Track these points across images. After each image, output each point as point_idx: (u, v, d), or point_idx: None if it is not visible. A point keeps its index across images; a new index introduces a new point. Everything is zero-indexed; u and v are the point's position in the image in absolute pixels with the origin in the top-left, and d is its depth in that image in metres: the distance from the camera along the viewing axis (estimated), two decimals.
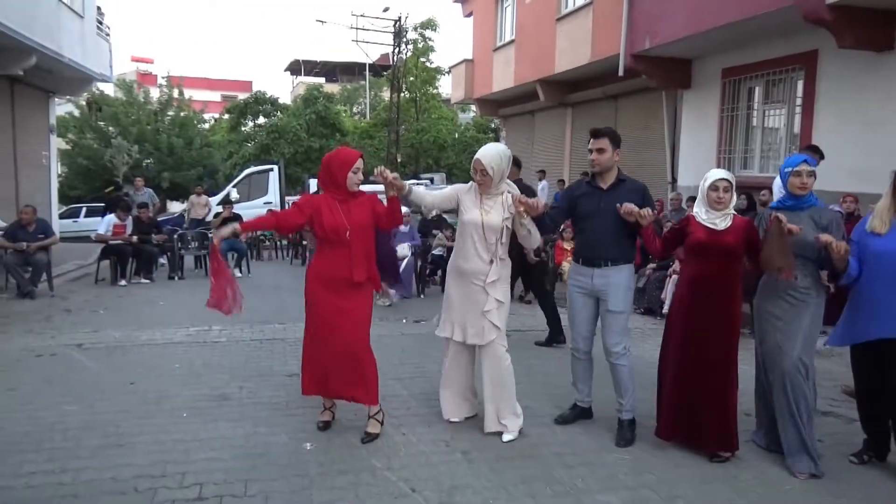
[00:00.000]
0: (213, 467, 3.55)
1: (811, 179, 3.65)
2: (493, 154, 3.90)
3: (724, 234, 3.69)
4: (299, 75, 48.43)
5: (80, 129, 26.41)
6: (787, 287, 3.64)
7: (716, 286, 3.73)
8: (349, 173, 3.80)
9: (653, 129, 12.48)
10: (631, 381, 4.06)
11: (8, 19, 10.26)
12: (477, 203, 3.96)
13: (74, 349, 6.00)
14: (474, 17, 19.12)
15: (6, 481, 3.34)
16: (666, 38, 9.86)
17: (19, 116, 13.63)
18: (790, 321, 3.64)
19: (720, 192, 3.71)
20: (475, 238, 3.93)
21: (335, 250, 3.82)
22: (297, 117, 28.78)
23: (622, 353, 4.01)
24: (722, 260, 3.71)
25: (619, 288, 3.98)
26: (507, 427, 4.01)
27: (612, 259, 3.97)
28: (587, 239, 4.09)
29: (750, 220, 3.82)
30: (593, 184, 4.09)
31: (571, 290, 4.19)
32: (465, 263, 3.97)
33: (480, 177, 3.89)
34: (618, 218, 3.91)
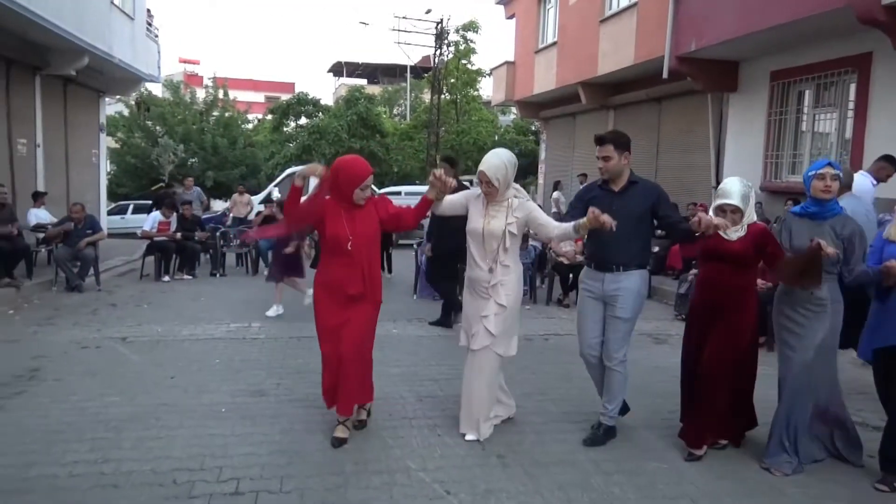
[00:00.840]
0: (250, 462, 3.58)
1: (835, 183, 3.59)
2: (496, 164, 3.84)
3: (732, 243, 3.67)
4: (341, 77, 48.99)
5: (128, 128, 27.10)
6: (804, 298, 3.62)
7: (723, 288, 3.71)
8: (357, 189, 3.73)
9: (697, 133, 12.24)
10: (622, 390, 4.04)
11: (63, 21, 10.58)
12: (482, 211, 3.94)
13: (119, 342, 6.13)
14: (516, 19, 19.05)
15: (51, 469, 3.42)
16: (713, 39, 9.66)
17: (71, 116, 14.05)
18: (806, 332, 3.63)
19: (727, 214, 3.65)
20: (478, 247, 3.94)
21: (339, 258, 3.79)
22: (338, 118, 29.05)
23: (622, 359, 3.97)
24: (729, 264, 3.69)
25: (629, 294, 3.91)
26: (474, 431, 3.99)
27: (625, 263, 3.91)
28: (599, 243, 3.98)
29: (763, 227, 3.77)
30: (605, 187, 4.03)
31: (582, 295, 4.14)
32: (473, 272, 3.99)
33: (486, 188, 3.87)
34: (631, 221, 3.83)
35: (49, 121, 12.84)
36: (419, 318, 7.49)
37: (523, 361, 5.61)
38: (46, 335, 6.36)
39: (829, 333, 3.63)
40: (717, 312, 3.73)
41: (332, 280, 3.82)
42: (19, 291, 8.07)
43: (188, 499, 3.18)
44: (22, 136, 11.83)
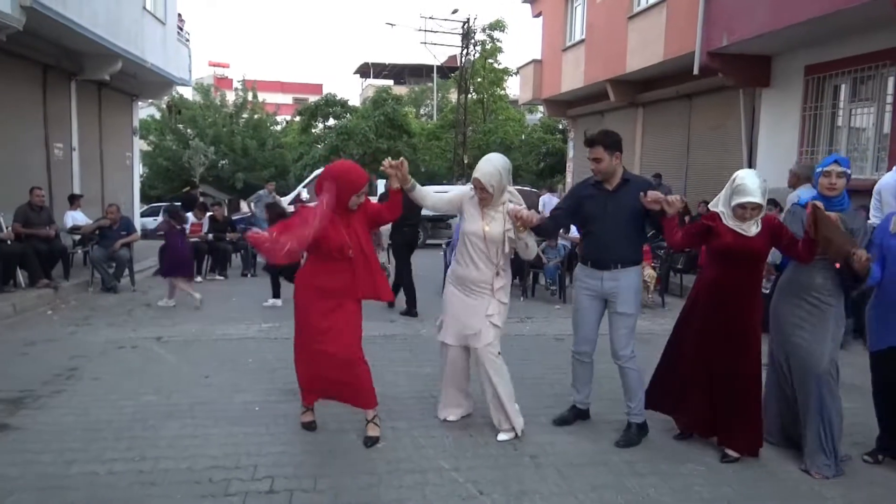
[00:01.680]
0: (284, 461, 3.61)
1: (841, 181, 3.57)
2: (490, 171, 3.83)
3: (752, 240, 3.59)
4: (368, 78, 49.19)
5: (160, 131, 27.59)
6: (814, 288, 3.61)
7: (737, 289, 3.66)
8: (353, 196, 3.74)
9: (729, 129, 12.06)
10: (641, 386, 4.02)
11: (97, 27, 10.80)
12: (479, 214, 3.93)
13: (154, 342, 6.23)
14: (543, 17, 18.95)
15: (91, 467, 3.48)
16: (745, 34, 9.50)
17: (106, 119, 14.33)
18: (816, 326, 3.61)
19: (747, 211, 3.56)
20: (477, 249, 3.92)
21: (333, 264, 3.77)
22: (365, 119, 29.19)
23: (631, 356, 3.97)
24: (746, 264, 3.65)
25: (629, 290, 3.92)
26: (505, 427, 4.01)
27: (622, 261, 3.91)
28: (595, 241, 4.01)
29: (774, 218, 3.75)
30: (599, 185, 4.01)
31: (579, 293, 4.12)
32: (467, 272, 3.96)
33: (481, 194, 3.87)
34: (626, 219, 3.87)
35: (84, 125, 13.11)
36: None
37: (554, 361, 5.59)
38: (84, 335, 6.49)
39: (836, 329, 3.63)
40: (729, 311, 3.66)
41: (331, 281, 3.77)
42: (57, 292, 8.25)
43: (224, 497, 3.21)
44: (58, 141, 12.09)
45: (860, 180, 8.32)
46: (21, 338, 6.30)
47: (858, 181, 8.42)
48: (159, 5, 14.51)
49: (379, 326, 7.05)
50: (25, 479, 3.33)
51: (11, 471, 3.40)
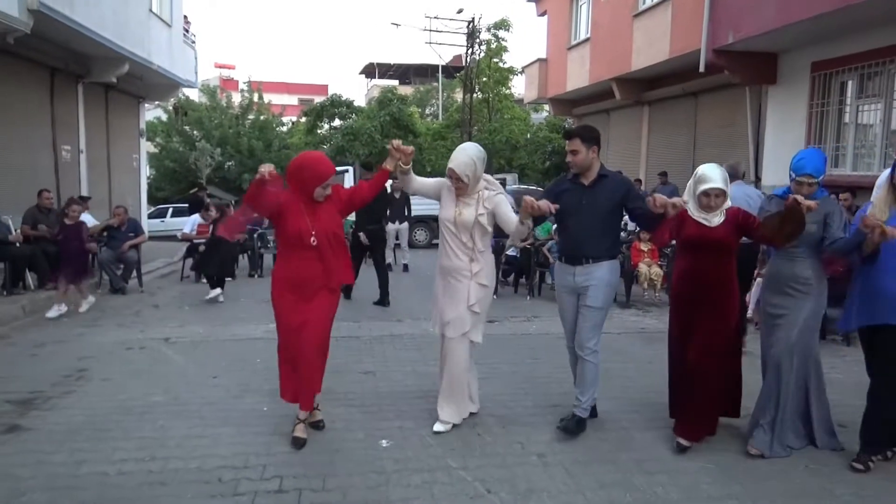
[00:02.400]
0: (293, 461, 3.63)
1: (812, 189, 3.69)
2: (465, 161, 3.88)
3: (714, 230, 3.71)
4: (373, 78, 49.21)
5: (167, 133, 27.65)
6: (791, 278, 3.74)
7: (708, 280, 3.73)
8: (319, 188, 3.74)
9: (735, 127, 12.02)
10: (595, 380, 4.05)
11: (104, 30, 10.85)
12: (453, 201, 3.98)
13: (162, 343, 6.26)
14: (548, 16, 18.93)
15: (101, 467, 3.51)
16: (751, 31, 9.47)
17: (113, 121, 14.39)
18: (791, 312, 3.75)
19: (711, 198, 3.69)
20: (452, 235, 3.97)
21: (301, 254, 3.78)
22: (371, 119, 29.20)
23: (594, 349, 4.01)
24: (712, 254, 3.73)
25: (600, 283, 3.96)
26: (442, 419, 4.05)
27: (595, 256, 3.96)
28: (570, 236, 4.07)
29: (739, 208, 3.81)
30: (575, 181, 4.04)
31: (558, 290, 4.18)
32: (445, 261, 4.01)
33: (456, 183, 3.91)
34: (601, 214, 3.92)
35: (91, 127, 13.17)
36: None
37: (561, 360, 5.54)
38: (93, 336, 6.53)
39: (811, 314, 3.75)
40: (701, 303, 3.75)
41: (296, 275, 3.80)
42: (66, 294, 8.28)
43: (233, 496, 3.23)
44: (66, 143, 12.15)
45: (868, 177, 8.29)
46: (30, 339, 6.34)
47: (866, 178, 8.39)
48: (165, 7, 14.56)
49: (387, 326, 7.07)
50: (37, 479, 3.36)
51: (23, 471, 3.43)
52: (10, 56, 9.82)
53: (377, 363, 5.63)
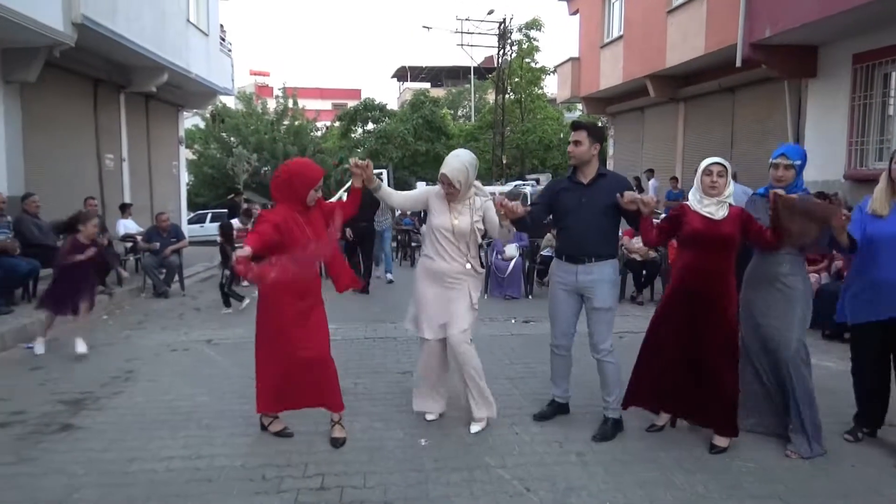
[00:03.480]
0: (334, 459, 3.69)
1: (788, 173, 3.71)
2: (458, 167, 3.89)
3: (721, 224, 3.68)
4: (406, 81, 49.51)
5: (205, 140, 28.22)
6: (776, 278, 3.73)
7: (710, 276, 3.71)
8: (311, 191, 3.75)
9: (774, 122, 11.80)
10: (619, 380, 4.02)
11: (145, 41, 11.14)
12: (446, 208, 3.98)
13: (205, 345, 6.41)
14: (580, 15, 18.82)
15: (150, 464, 3.62)
16: (789, 24, 9.29)
17: (153, 130, 14.76)
18: (785, 311, 3.71)
19: (714, 176, 3.69)
20: (446, 242, 3.96)
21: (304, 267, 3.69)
22: (404, 122, 29.43)
23: (609, 349, 3.98)
24: (717, 250, 3.70)
25: (604, 284, 3.94)
26: (479, 418, 4.08)
27: (597, 255, 3.93)
28: (570, 235, 4.04)
29: (742, 208, 3.81)
30: (574, 179, 4.04)
31: (554, 287, 4.14)
32: (436, 265, 4.00)
33: (448, 189, 3.91)
34: (601, 213, 3.90)
35: (133, 136, 13.53)
36: (490, 318, 7.53)
37: (590, 359, 5.55)
38: (138, 339, 6.71)
39: (803, 316, 3.73)
40: (704, 300, 3.71)
41: (298, 286, 3.68)
42: (112, 298, 8.53)
43: (277, 493, 3.30)
44: (109, 152, 12.51)
45: None
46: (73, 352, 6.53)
47: None
48: (202, 17, 14.88)
49: None
50: (89, 475, 3.48)
51: (77, 468, 3.56)
52: (56, 69, 10.14)
53: (414, 363, 5.66)
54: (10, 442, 3.93)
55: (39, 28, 8.39)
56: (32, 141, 9.93)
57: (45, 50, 9.09)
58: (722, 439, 3.80)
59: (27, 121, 9.82)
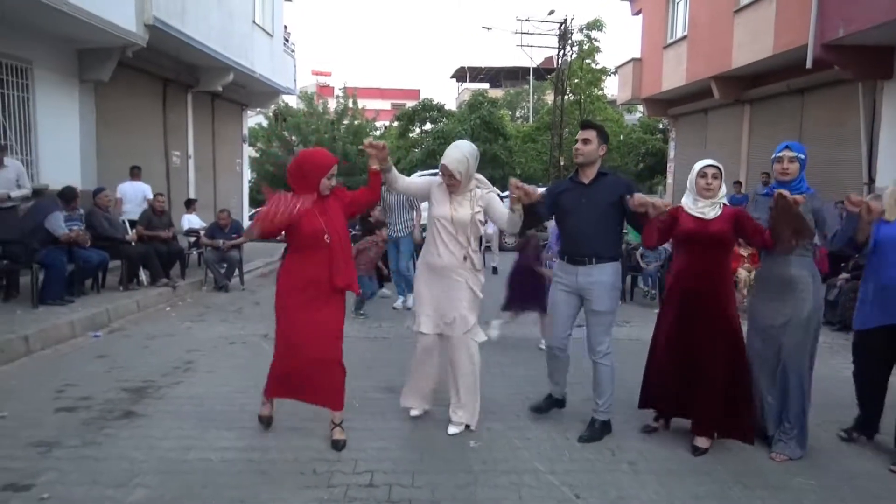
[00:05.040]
0: (383, 456, 3.72)
1: (793, 165, 3.75)
2: (458, 158, 3.85)
3: (710, 223, 3.72)
4: (465, 81, 49.57)
5: (267, 138, 28.86)
6: (786, 280, 3.72)
7: (705, 275, 3.74)
8: (324, 179, 3.68)
9: (846, 125, 11.33)
10: (611, 383, 3.99)
11: (212, 41, 11.49)
12: (447, 199, 3.94)
13: (262, 339, 6.55)
14: (643, 15, 18.50)
15: (206, 454, 3.72)
16: (864, 24, 8.91)
17: (218, 128, 15.20)
18: (793, 317, 3.70)
19: (708, 178, 3.75)
20: (447, 233, 3.92)
21: (312, 253, 3.70)
22: (461, 123, 29.42)
23: (606, 352, 3.96)
24: (710, 249, 3.74)
25: (604, 287, 3.93)
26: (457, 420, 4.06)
27: (597, 256, 3.92)
28: (571, 236, 4.02)
29: (739, 209, 3.88)
30: (575, 179, 4.06)
31: (555, 288, 4.11)
32: (437, 259, 3.96)
33: (448, 180, 3.87)
34: (601, 213, 3.90)
35: (199, 134, 13.97)
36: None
37: None
38: (199, 331, 6.92)
39: (814, 312, 3.73)
40: (701, 299, 3.73)
41: (311, 274, 3.70)
42: (175, 291, 8.81)
43: (327, 488, 3.34)
44: (176, 149, 12.95)
45: None
46: (144, 332, 6.78)
47: None
48: (267, 19, 15.25)
49: None
50: (149, 462, 3.60)
51: (137, 454, 3.68)
52: (128, 69, 10.56)
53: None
54: (77, 426, 4.10)
55: (113, 29, 8.75)
56: (104, 138, 10.36)
57: (118, 50, 9.48)
58: (703, 440, 3.80)
59: (100, 119, 10.26)
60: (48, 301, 7.06)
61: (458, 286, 3.97)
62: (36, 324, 6.21)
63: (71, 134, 9.68)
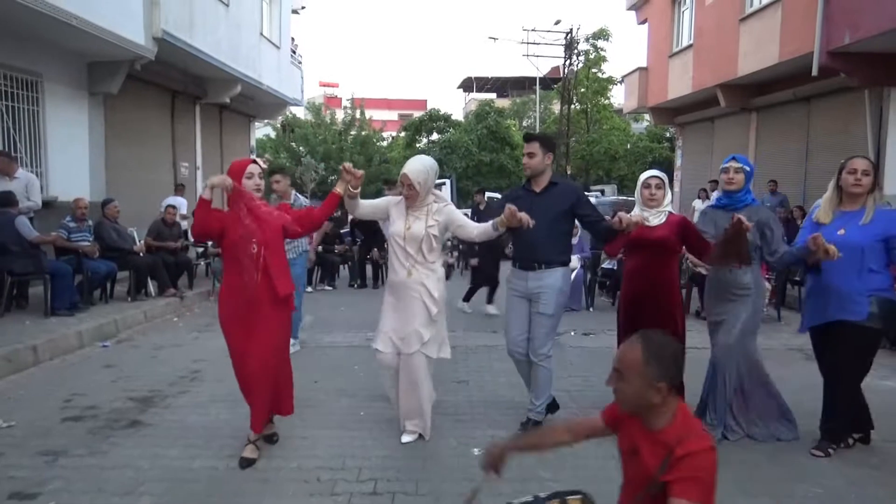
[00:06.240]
0: (387, 465, 3.72)
1: (738, 176, 3.98)
2: (419, 168, 3.87)
3: (655, 230, 3.92)
4: (471, 92, 49.73)
5: (275, 149, 29.08)
6: (732, 285, 3.96)
7: (651, 278, 3.94)
8: (243, 180, 3.70)
9: (853, 133, 11.30)
10: (549, 385, 4.14)
11: (220, 54, 11.60)
12: (403, 214, 3.95)
13: None
14: (649, 24, 18.54)
15: (211, 462, 3.74)
16: (871, 31, 8.90)
17: (226, 139, 15.32)
18: (731, 316, 3.99)
19: (652, 189, 3.98)
20: (399, 249, 3.93)
21: (244, 265, 3.65)
22: (468, 133, 29.54)
23: (547, 354, 4.08)
24: (654, 253, 3.93)
25: (551, 290, 4.07)
26: (409, 429, 4.07)
27: (547, 262, 4.08)
28: (522, 243, 4.17)
29: (683, 217, 4.07)
30: (527, 188, 4.22)
31: (508, 294, 4.27)
32: (394, 276, 3.97)
33: (407, 191, 3.87)
34: (552, 220, 4.03)
35: (207, 145, 14.09)
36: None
37: None
38: (206, 340, 6.95)
39: (750, 316, 3.99)
40: (647, 302, 3.93)
41: (242, 291, 3.66)
42: (182, 301, 8.86)
43: (331, 496, 3.35)
44: (184, 160, 13.06)
45: None
46: (151, 342, 6.82)
47: None
48: (274, 31, 15.38)
49: (482, 337, 7.12)
50: (154, 470, 3.61)
51: (143, 463, 3.70)
52: (137, 81, 10.68)
53: (471, 373, 5.68)
54: (83, 435, 4.13)
55: (122, 42, 8.86)
56: (113, 150, 10.47)
57: (127, 63, 9.59)
58: None
59: (109, 130, 10.36)
60: (57, 311, 7.10)
61: (413, 302, 3.94)
62: (44, 334, 6.26)
63: (80, 146, 9.79)
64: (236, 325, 3.73)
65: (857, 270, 3.69)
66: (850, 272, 3.69)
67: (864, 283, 3.70)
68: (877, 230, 3.66)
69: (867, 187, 3.76)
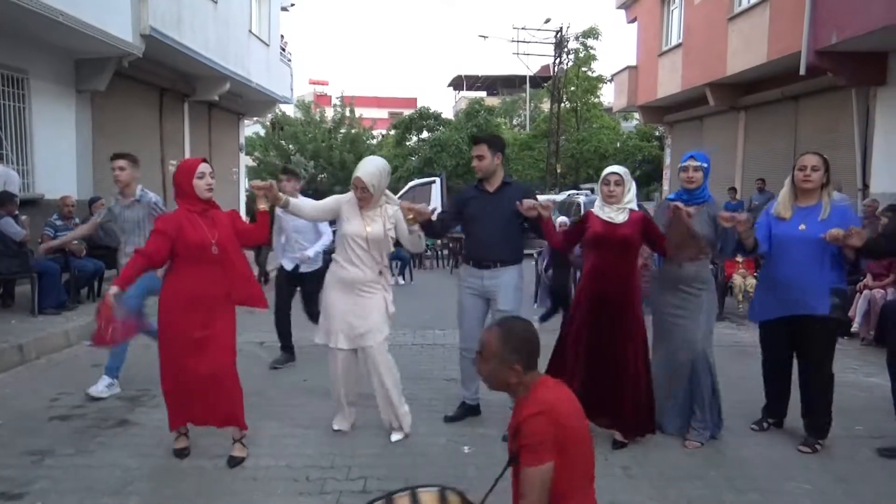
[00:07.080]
0: (377, 463, 3.72)
1: (697, 174, 3.96)
2: (372, 171, 3.88)
3: (619, 227, 3.87)
4: (461, 90, 49.71)
5: (264, 147, 28.95)
6: (689, 279, 3.93)
7: (613, 276, 3.87)
8: (194, 180, 3.58)
9: (840, 132, 11.39)
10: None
11: (208, 51, 11.54)
12: (358, 214, 3.94)
13: (257, 347, 6.57)
14: (638, 23, 18.60)
15: (200, 461, 3.72)
16: (857, 30, 8.96)
17: (215, 137, 15.24)
18: (691, 312, 3.95)
19: (611, 185, 3.90)
20: (360, 250, 3.91)
21: (199, 267, 3.53)
22: (458, 131, 29.47)
23: None
24: (617, 251, 3.87)
25: (508, 287, 4.14)
26: (395, 427, 4.10)
27: (502, 260, 4.16)
28: (476, 241, 4.26)
29: (645, 214, 4.03)
30: (480, 188, 4.27)
31: (462, 292, 4.29)
32: (349, 273, 3.94)
33: (361, 193, 3.88)
34: (505, 220, 4.08)
35: (195, 143, 14.00)
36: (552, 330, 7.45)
37: None
38: None
39: (707, 314, 4.00)
40: (610, 300, 3.84)
41: (198, 289, 3.53)
42: None
43: (320, 494, 3.34)
44: (172, 158, 12.97)
45: None
46: (139, 341, 6.74)
47: None
48: (264, 28, 15.32)
49: None
50: (142, 469, 3.60)
51: (131, 462, 3.69)
52: (125, 79, 10.59)
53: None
54: (70, 434, 4.10)
55: (110, 39, 8.79)
56: (101, 147, 10.38)
57: (114, 60, 9.52)
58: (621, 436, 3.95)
59: (96, 128, 10.29)
60: (44, 309, 7.04)
61: (370, 298, 3.96)
62: (31, 333, 6.21)
63: (67, 144, 9.71)
64: (186, 321, 3.52)
65: (819, 264, 3.80)
66: (813, 266, 3.80)
67: (826, 276, 3.82)
68: (833, 225, 3.71)
69: (817, 183, 3.86)
